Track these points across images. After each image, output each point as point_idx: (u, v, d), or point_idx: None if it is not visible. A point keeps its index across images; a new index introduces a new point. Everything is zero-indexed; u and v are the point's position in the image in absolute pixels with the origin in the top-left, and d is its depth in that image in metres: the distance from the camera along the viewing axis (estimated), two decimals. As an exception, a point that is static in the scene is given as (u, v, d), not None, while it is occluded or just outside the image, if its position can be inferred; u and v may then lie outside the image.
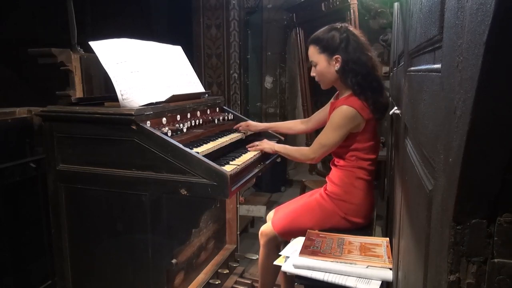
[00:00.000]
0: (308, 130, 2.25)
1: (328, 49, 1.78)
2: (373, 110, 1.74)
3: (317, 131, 2.04)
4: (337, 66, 1.78)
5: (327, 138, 1.76)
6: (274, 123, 2.39)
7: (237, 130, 2.16)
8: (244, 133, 2.17)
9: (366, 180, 1.82)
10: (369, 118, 1.74)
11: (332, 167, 1.90)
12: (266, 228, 1.92)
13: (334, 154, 1.88)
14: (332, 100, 2.00)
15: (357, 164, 1.80)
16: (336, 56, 1.77)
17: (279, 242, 1.93)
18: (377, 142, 1.86)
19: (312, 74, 1.89)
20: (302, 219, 1.83)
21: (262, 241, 1.93)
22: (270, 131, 2.29)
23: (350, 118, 1.72)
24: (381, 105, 1.78)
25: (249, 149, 1.99)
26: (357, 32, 1.83)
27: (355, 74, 1.76)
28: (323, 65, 1.81)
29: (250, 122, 2.22)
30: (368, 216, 1.85)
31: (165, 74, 1.93)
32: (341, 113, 1.73)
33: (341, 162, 1.83)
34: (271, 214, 2.04)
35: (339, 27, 1.82)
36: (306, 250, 1.57)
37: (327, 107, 2.07)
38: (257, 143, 2.00)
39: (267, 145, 1.98)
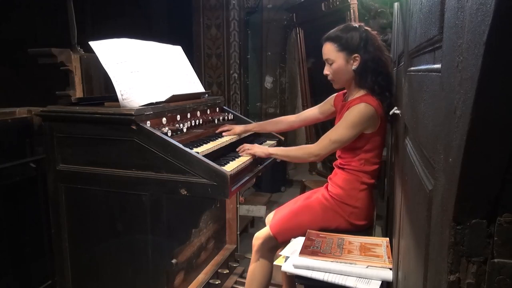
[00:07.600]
0: (294, 125, 2.23)
1: (347, 47, 1.74)
2: (387, 112, 1.72)
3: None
4: (355, 65, 1.75)
5: (340, 134, 1.70)
6: (258, 123, 2.25)
7: (220, 135, 1.99)
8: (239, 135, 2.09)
9: (369, 183, 1.80)
10: (383, 117, 1.72)
11: (336, 168, 1.86)
12: (261, 232, 1.86)
13: (341, 157, 1.83)
14: (342, 101, 1.91)
15: (364, 168, 1.77)
16: (355, 55, 1.74)
17: (272, 246, 1.84)
18: (384, 145, 1.84)
19: (326, 72, 1.82)
20: (302, 220, 1.80)
21: (255, 247, 1.84)
22: (262, 132, 2.23)
23: (368, 117, 1.68)
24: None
25: (240, 153, 1.85)
26: (374, 33, 1.80)
27: (376, 73, 1.73)
28: (341, 63, 1.76)
29: (233, 125, 2.10)
30: (370, 218, 1.84)
31: (165, 74, 1.93)
32: (359, 111, 1.68)
33: (347, 166, 1.79)
34: (270, 216, 2.00)
35: (358, 26, 1.79)
36: (306, 250, 1.57)
37: (321, 106, 2.06)
38: (248, 146, 1.89)
39: (259, 149, 1.86)
